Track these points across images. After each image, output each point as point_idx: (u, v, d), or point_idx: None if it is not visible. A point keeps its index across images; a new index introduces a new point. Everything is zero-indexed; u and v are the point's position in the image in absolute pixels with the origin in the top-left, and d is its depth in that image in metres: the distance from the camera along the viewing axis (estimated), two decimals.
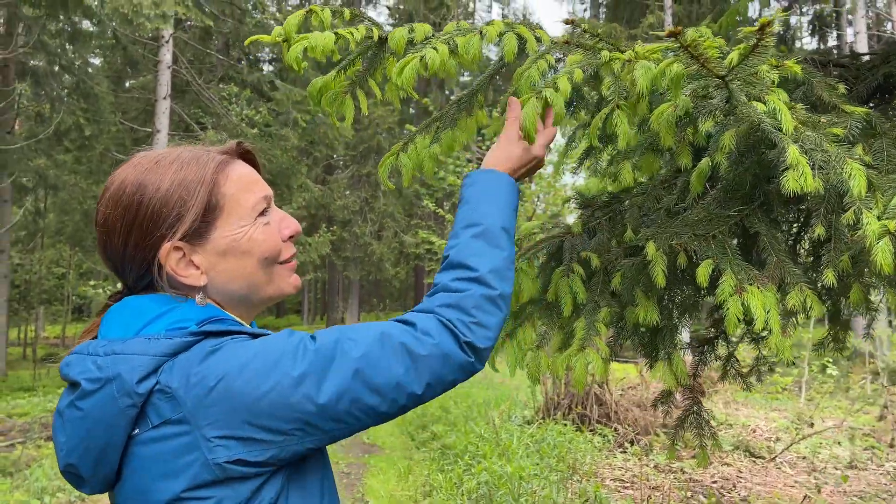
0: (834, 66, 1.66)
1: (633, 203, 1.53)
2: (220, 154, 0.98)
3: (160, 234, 0.91)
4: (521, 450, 6.40)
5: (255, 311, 1.02)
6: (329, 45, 1.22)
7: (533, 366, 1.50)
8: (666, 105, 1.13)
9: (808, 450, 7.37)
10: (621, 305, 1.46)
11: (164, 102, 13.46)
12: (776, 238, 1.28)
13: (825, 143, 1.07)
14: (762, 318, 1.12)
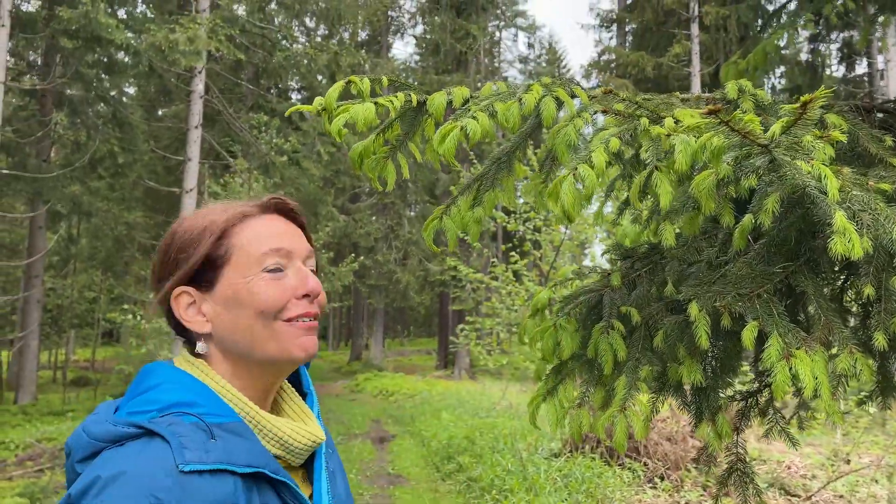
0: (878, 111, 1.64)
1: (673, 255, 1.52)
2: (250, 208, 0.99)
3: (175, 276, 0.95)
4: (549, 485, 6.30)
5: (265, 373, 0.96)
6: (371, 116, 1.23)
7: (575, 425, 1.47)
8: (707, 173, 1.12)
9: (846, 488, 7.14)
10: (663, 362, 1.43)
11: (196, 132, 13.74)
12: (824, 297, 1.25)
13: (873, 202, 1.05)
14: (811, 386, 1.09)
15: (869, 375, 1.13)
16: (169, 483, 0.77)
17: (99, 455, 0.82)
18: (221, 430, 0.86)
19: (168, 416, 0.85)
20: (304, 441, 0.95)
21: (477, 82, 23.95)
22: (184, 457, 0.79)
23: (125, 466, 0.78)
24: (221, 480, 0.81)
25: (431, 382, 19.18)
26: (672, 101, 1.44)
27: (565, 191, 1.15)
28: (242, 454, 0.84)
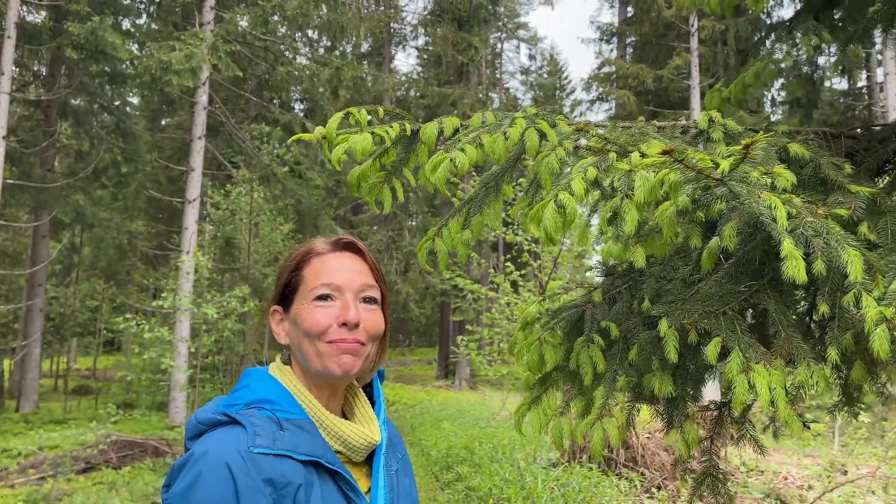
0: (846, 138, 1.74)
1: (651, 273, 1.62)
2: (322, 245, 1.21)
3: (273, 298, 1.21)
4: (546, 494, 6.36)
5: (323, 382, 1.15)
6: (368, 145, 1.34)
7: (556, 432, 1.58)
8: (668, 203, 1.23)
9: (841, 499, 7.19)
10: (639, 374, 1.53)
11: (200, 142, 13.87)
12: (785, 314, 1.35)
13: (826, 227, 1.15)
14: (767, 397, 1.18)
15: (825, 386, 1.22)
16: (239, 458, 0.99)
17: (201, 435, 1.06)
18: (290, 424, 1.07)
19: (251, 409, 1.07)
20: (361, 441, 1.13)
21: (479, 94, 24.12)
22: (255, 441, 1.01)
23: (210, 446, 1.01)
24: (282, 462, 1.01)
25: (432, 392, 19.23)
26: (647, 131, 1.55)
27: (547, 216, 1.25)
28: (304, 445, 1.05)
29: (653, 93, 24.40)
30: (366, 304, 1.16)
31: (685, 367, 1.57)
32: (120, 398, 17.19)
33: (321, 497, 1.03)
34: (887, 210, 1.36)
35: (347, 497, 1.07)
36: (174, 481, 1.02)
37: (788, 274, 1.08)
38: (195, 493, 0.97)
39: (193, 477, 0.99)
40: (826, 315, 1.23)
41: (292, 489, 1.00)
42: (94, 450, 9.44)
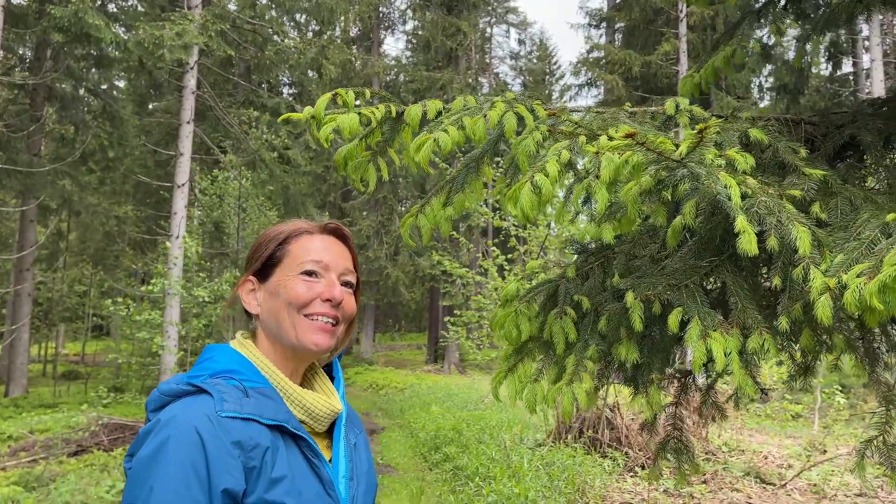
0: (806, 124, 1.84)
1: (621, 250, 1.72)
2: (311, 227, 1.25)
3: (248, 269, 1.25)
4: (531, 472, 6.50)
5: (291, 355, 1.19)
6: (355, 125, 1.42)
7: (530, 397, 1.68)
8: (632, 183, 1.32)
9: (819, 477, 7.39)
10: (608, 344, 1.63)
11: (188, 127, 13.83)
12: (742, 287, 1.46)
13: (779, 206, 1.25)
14: (722, 361, 1.29)
15: (775, 353, 1.33)
16: (208, 422, 1.02)
17: (165, 406, 1.08)
18: (255, 392, 1.10)
19: (216, 379, 1.11)
20: (323, 409, 1.18)
21: (468, 78, 24.09)
22: (222, 406, 1.04)
23: (177, 412, 1.04)
24: (249, 426, 1.05)
25: (421, 376, 19.38)
26: (619, 116, 1.64)
27: (524, 195, 1.34)
28: (269, 411, 1.09)
29: (641, 78, 24.45)
30: (344, 287, 1.22)
31: (651, 336, 1.67)
32: (110, 382, 17.22)
33: (287, 460, 1.07)
34: (838, 191, 1.46)
35: (310, 462, 1.11)
36: (139, 448, 1.04)
37: (742, 248, 1.18)
38: (163, 457, 0.99)
39: (161, 441, 1.01)
40: (778, 287, 1.34)
41: (260, 451, 1.04)
42: (86, 432, 9.51)
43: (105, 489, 6.95)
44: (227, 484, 1.00)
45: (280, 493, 1.04)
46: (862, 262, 1.16)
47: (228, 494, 1.00)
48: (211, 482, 0.99)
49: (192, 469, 0.99)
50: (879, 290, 1.06)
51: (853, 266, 1.16)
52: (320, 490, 1.09)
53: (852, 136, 1.75)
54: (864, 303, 1.08)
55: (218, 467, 1.00)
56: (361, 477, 1.23)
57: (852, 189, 1.46)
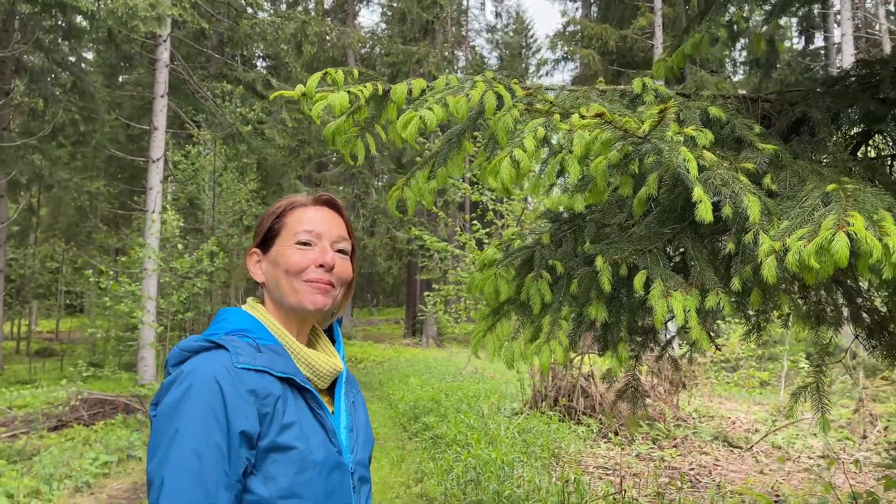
0: (763, 102, 1.98)
1: (592, 219, 1.85)
2: (305, 199, 1.37)
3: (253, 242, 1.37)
4: (508, 439, 6.71)
5: (295, 317, 1.31)
6: (345, 103, 1.53)
7: (508, 354, 1.83)
8: (601, 158, 1.45)
9: (784, 441, 7.71)
10: (580, 305, 1.77)
11: (162, 100, 13.67)
12: (700, 252, 1.60)
13: (733, 178, 1.38)
14: (682, 317, 1.43)
15: (730, 310, 1.48)
16: (226, 373, 1.14)
17: (186, 361, 1.19)
18: (266, 349, 1.22)
19: (230, 336, 1.23)
20: (326, 367, 1.30)
21: (444, 52, 23.99)
22: (238, 359, 1.17)
23: (198, 364, 1.16)
24: (262, 377, 1.17)
25: (399, 350, 19.57)
26: (590, 95, 1.76)
27: (503, 169, 1.46)
28: (279, 365, 1.21)
29: (617, 52, 24.54)
30: (339, 253, 1.33)
31: (618, 297, 1.82)
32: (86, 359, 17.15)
33: (295, 409, 1.19)
34: (787, 164, 1.60)
35: (315, 413, 1.22)
36: (163, 398, 1.16)
37: (699, 216, 1.31)
38: (186, 403, 1.11)
39: (184, 389, 1.12)
40: (732, 251, 1.48)
41: (272, 399, 1.16)
42: (66, 407, 9.53)
43: (89, 461, 7.03)
44: (244, 427, 1.12)
45: (290, 438, 1.17)
46: (803, 227, 1.31)
47: (244, 436, 1.12)
48: (229, 425, 1.11)
49: (212, 414, 1.11)
50: (816, 252, 1.20)
51: (796, 231, 1.31)
52: (324, 437, 1.22)
53: (804, 113, 1.90)
54: (803, 263, 1.22)
55: (235, 412, 1.12)
56: (360, 430, 1.36)
57: (801, 162, 1.60)
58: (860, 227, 1.19)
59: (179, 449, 1.10)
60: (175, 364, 1.21)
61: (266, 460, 1.15)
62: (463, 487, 5.32)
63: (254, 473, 1.14)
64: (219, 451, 1.10)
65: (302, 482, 1.16)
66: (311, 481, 1.17)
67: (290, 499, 1.15)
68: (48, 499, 5.97)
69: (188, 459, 1.09)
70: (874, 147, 2.14)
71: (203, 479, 1.09)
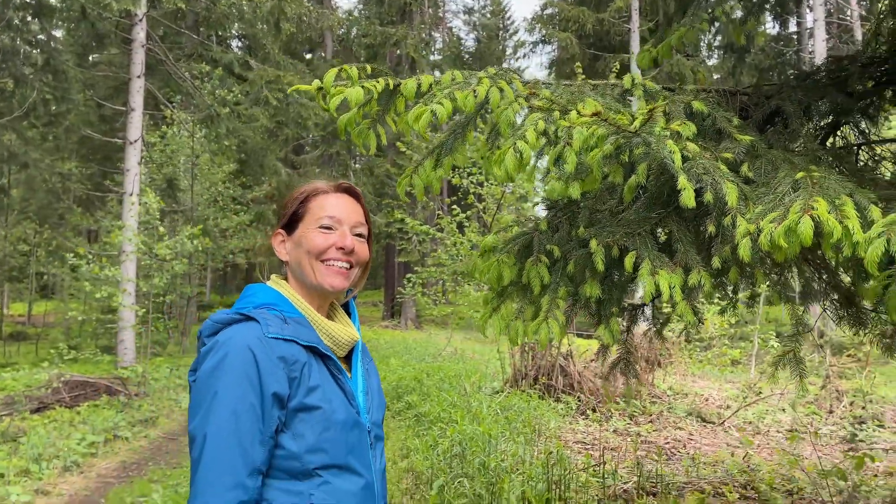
0: (741, 95, 2.14)
1: (585, 206, 2.01)
2: (327, 186, 1.48)
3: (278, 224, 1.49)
4: (491, 415, 6.91)
5: (315, 294, 1.44)
6: (360, 96, 1.67)
7: (513, 332, 1.99)
8: (596, 150, 1.60)
9: (754, 416, 8.02)
10: (575, 285, 1.93)
11: (139, 81, 13.52)
12: (685, 234, 1.76)
13: (713, 167, 1.54)
14: (667, 293, 1.59)
15: (710, 287, 1.64)
16: (258, 341, 1.27)
17: (219, 332, 1.32)
18: (292, 321, 1.36)
19: (260, 309, 1.35)
20: (345, 337, 1.44)
21: (422, 33, 23.92)
22: (268, 330, 1.29)
23: (232, 334, 1.29)
24: (290, 345, 1.31)
25: (378, 332, 19.72)
26: (585, 90, 1.91)
27: (508, 159, 1.60)
28: (304, 335, 1.34)
29: (594, 35, 24.69)
30: (357, 237, 1.45)
31: (611, 276, 1.98)
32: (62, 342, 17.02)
33: (318, 374, 1.33)
34: (762, 154, 1.76)
35: (335, 378, 1.36)
36: (201, 364, 1.28)
37: (683, 202, 1.47)
38: (224, 369, 1.24)
39: (221, 356, 1.25)
40: (712, 233, 1.64)
41: (299, 365, 1.30)
42: (48, 389, 9.54)
43: (75, 441, 7.10)
44: (276, 388, 1.27)
45: (315, 399, 1.31)
46: (775, 211, 1.47)
47: (276, 397, 1.27)
48: (263, 388, 1.26)
49: (246, 378, 1.25)
50: (785, 233, 1.37)
51: (768, 214, 1.47)
52: (344, 399, 1.37)
53: (778, 106, 2.06)
54: (774, 243, 1.38)
55: (267, 376, 1.26)
56: (374, 394, 1.51)
57: (774, 152, 1.76)
58: (823, 211, 1.35)
59: (219, 409, 1.24)
60: (209, 335, 1.33)
61: (295, 419, 1.29)
62: (449, 461, 5.50)
63: (284, 431, 1.29)
64: (253, 411, 1.24)
65: (326, 439, 1.31)
66: (334, 438, 1.32)
67: (317, 453, 1.30)
68: (38, 478, 6.05)
69: (227, 418, 1.23)
70: (842, 137, 2.31)
71: (240, 435, 1.23)
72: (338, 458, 1.32)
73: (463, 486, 4.85)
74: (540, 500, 4.36)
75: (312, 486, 1.29)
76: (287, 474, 1.29)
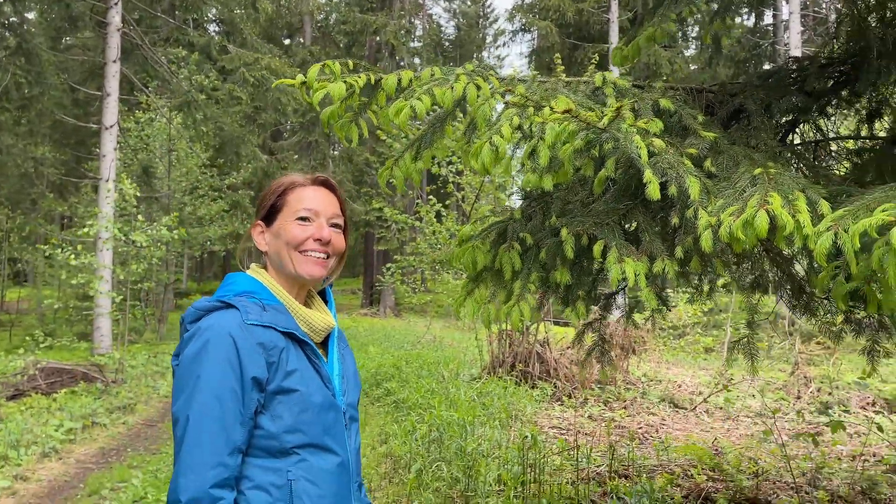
0: (707, 93, 2.24)
1: (558, 196, 2.10)
2: (304, 179, 1.54)
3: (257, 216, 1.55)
4: (468, 401, 7.02)
5: (293, 282, 1.49)
6: (342, 91, 1.73)
7: (486, 315, 2.08)
8: (567, 145, 1.69)
9: (725, 402, 8.23)
10: (546, 271, 2.02)
11: (115, 66, 13.35)
12: (650, 225, 1.86)
13: (678, 162, 1.64)
14: (632, 279, 1.69)
15: (673, 275, 1.74)
16: (238, 328, 1.34)
17: (201, 318, 1.39)
18: (270, 308, 1.42)
19: (239, 297, 1.42)
20: (321, 323, 1.51)
21: (402, 21, 23.83)
22: (247, 316, 1.37)
23: (213, 321, 1.36)
24: (268, 332, 1.38)
25: (357, 320, 19.74)
26: (558, 87, 1.99)
27: (484, 153, 1.68)
28: (282, 321, 1.41)
29: (574, 25, 24.79)
30: (333, 228, 1.51)
31: (580, 263, 2.07)
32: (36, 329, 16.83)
33: (296, 359, 1.39)
34: (725, 150, 1.87)
35: (312, 362, 1.42)
36: (184, 349, 1.34)
37: (649, 194, 1.56)
38: (206, 354, 1.31)
39: (203, 342, 1.32)
40: (676, 224, 1.74)
41: (277, 350, 1.36)
42: (24, 376, 9.48)
43: (53, 428, 7.10)
44: (255, 373, 1.34)
45: (293, 382, 1.39)
46: (734, 205, 1.57)
47: (255, 381, 1.34)
48: (243, 372, 1.33)
49: (228, 362, 1.32)
50: (742, 226, 1.47)
51: (728, 208, 1.57)
52: (320, 382, 1.45)
53: (741, 104, 2.16)
54: (732, 235, 1.48)
55: (247, 361, 1.33)
56: (350, 377, 1.59)
57: (736, 148, 1.87)
58: (778, 205, 1.45)
59: (202, 392, 1.31)
60: (192, 321, 1.40)
61: (273, 401, 1.37)
62: (427, 446, 5.60)
63: (263, 413, 1.36)
64: (234, 394, 1.32)
65: (303, 420, 1.39)
66: (311, 419, 1.40)
67: (294, 433, 1.38)
68: (17, 464, 6.05)
69: (209, 401, 1.30)
70: (801, 135, 2.43)
71: (222, 416, 1.31)
72: (314, 437, 1.40)
73: (440, 469, 4.95)
74: (515, 482, 4.48)
75: (290, 464, 1.37)
76: (266, 453, 1.36)
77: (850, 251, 1.35)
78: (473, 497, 4.39)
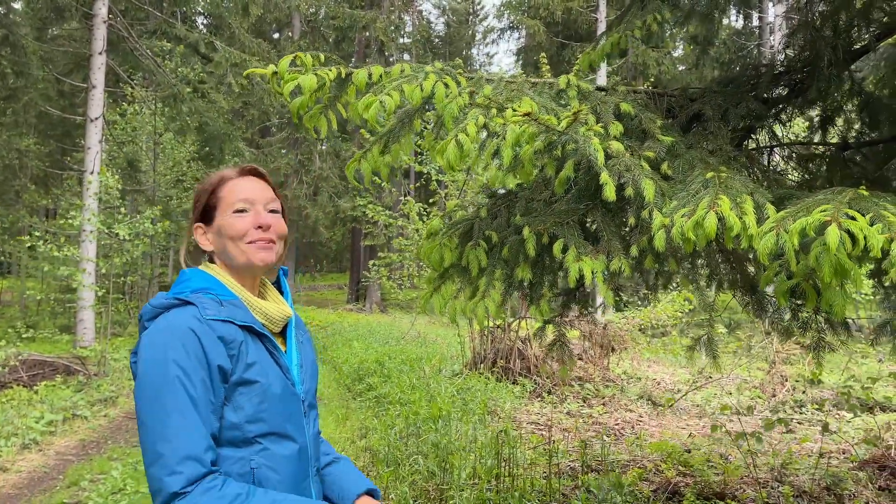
0: (669, 97, 2.31)
1: (522, 195, 2.17)
2: (232, 172, 1.56)
3: (194, 218, 1.55)
4: (448, 397, 7.10)
5: (246, 274, 1.52)
6: (313, 83, 1.79)
7: (451, 310, 2.15)
8: (528, 146, 1.75)
9: (702, 399, 8.35)
10: (510, 268, 2.09)
11: (100, 58, 13.28)
12: (608, 224, 1.94)
13: (635, 164, 1.71)
14: (589, 277, 1.76)
15: (629, 272, 1.82)
16: (198, 322, 1.37)
17: (159, 316, 1.41)
18: (227, 303, 1.45)
19: (196, 294, 1.44)
20: (278, 314, 1.54)
21: (391, 17, 23.83)
22: (206, 312, 1.39)
23: (172, 317, 1.39)
24: (227, 326, 1.40)
25: (343, 315, 19.76)
26: (524, 88, 2.06)
27: (450, 150, 1.74)
28: (239, 315, 1.44)
29: (562, 24, 24.90)
30: (271, 213, 1.52)
31: (542, 261, 2.14)
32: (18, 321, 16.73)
33: (255, 351, 1.42)
34: (681, 154, 1.94)
35: (271, 353, 1.46)
36: (144, 347, 1.36)
37: (605, 195, 1.63)
38: (169, 350, 1.32)
39: (165, 339, 1.34)
40: (633, 225, 1.81)
41: (237, 344, 1.39)
42: (4, 368, 9.44)
43: (34, 420, 7.10)
44: (220, 362, 1.38)
45: (254, 374, 1.44)
46: (686, 206, 1.64)
47: (221, 370, 1.39)
48: (209, 362, 1.37)
49: (194, 355, 1.36)
50: (693, 226, 1.54)
51: (680, 209, 1.64)
52: (280, 373, 1.49)
53: (700, 110, 2.24)
54: (684, 235, 1.56)
55: (211, 352, 1.38)
56: (308, 365, 1.64)
57: (692, 152, 1.95)
58: (726, 207, 1.53)
59: (172, 385, 1.34)
60: (150, 319, 1.42)
61: (235, 393, 1.41)
62: (405, 440, 5.67)
63: (226, 404, 1.41)
64: (204, 385, 1.36)
65: (264, 409, 1.43)
66: (271, 408, 1.45)
67: (256, 423, 1.42)
68: None
69: (180, 393, 1.34)
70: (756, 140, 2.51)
71: (195, 407, 1.34)
72: (275, 426, 1.45)
73: (417, 463, 5.02)
74: (489, 475, 4.55)
75: (252, 453, 1.42)
76: (229, 443, 1.40)
77: (790, 250, 1.42)
78: (448, 490, 4.46)
